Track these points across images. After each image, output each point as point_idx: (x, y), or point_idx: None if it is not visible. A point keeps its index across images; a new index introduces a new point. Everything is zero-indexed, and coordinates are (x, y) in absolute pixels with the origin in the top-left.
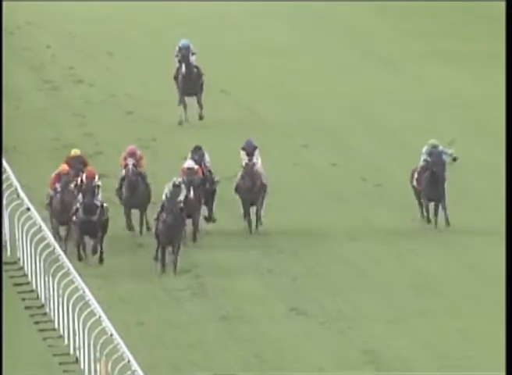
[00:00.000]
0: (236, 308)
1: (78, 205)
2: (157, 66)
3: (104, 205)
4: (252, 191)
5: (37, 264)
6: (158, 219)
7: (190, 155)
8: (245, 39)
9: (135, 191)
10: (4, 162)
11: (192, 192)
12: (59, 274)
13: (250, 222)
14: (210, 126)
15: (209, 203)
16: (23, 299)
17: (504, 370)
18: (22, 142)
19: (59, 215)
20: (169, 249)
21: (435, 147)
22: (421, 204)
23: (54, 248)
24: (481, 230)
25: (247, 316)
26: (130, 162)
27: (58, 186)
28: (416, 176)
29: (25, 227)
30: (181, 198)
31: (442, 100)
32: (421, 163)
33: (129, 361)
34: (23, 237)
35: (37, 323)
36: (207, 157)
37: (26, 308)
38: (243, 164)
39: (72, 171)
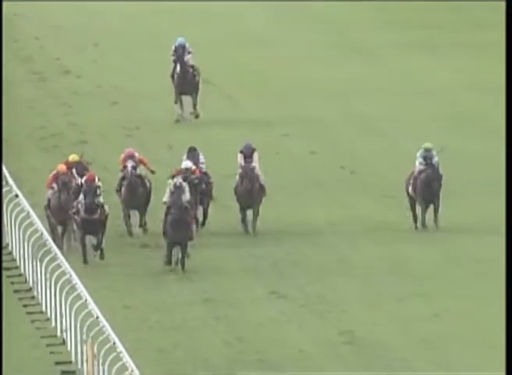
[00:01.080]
0: (219, 292)
1: (79, 205)
2: (142, 58)
3: (105, 206)
4: (251, 193)
5: (26, 249)
6: (165, 220)
7: (185, 157)
8: (227, 30)
9: (135, 193)
10: None
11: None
12: (47, 259)
13: (246, 223)
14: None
15: (204, 204)
16: (12, 283)
17: (504, 370)
18: (10, 132)
19: (57, 214)
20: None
21: (428, 150)
22: (413, 210)
23: (41, 234)
24: (457, 217)
25: (229, 299)
26: (130, 164)
27: (55, 186)
28: (412, 181)
29: (13, 213)
30: (187, 196)
31: (419, 89)
32: (417, 167)
33: (114, 343)
34: (11, 223)
35: (25, 306)
36: (201, 158)
37: (15, 291)
38: (240, 166)
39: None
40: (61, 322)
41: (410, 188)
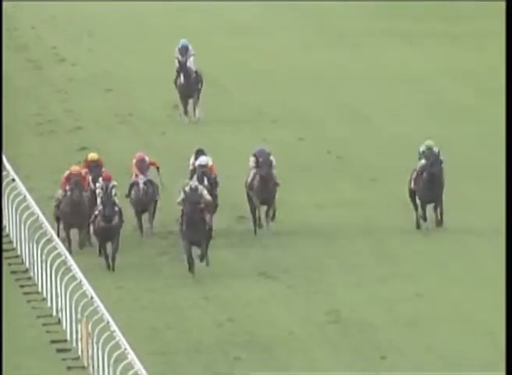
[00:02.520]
0: (208, 274)
1: (97, 213)
2: (134, 46)
3: (121, 212)
4: (266, 190)
5: (22, 231)
6: (181, 220)
7: (192, 158)
8: (216, 21)
9: (144, 199)
10: None
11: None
12: (43, 241)
13: (256, 221)
14: None
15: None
16: (9, 264)
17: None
18: (8, 118)
19: (69, 217)
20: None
21: (430, 148)
22: (415, 206)
23: (38, 217)
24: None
25: (219, 280)
26: (141, 181)
27: (68, 188)
28: (414, 176)
29: (10, 197)
30: (207, 198)
31: (403, 77)
32: (420, 163)
33: (108, 322)
34: (8, 206)
35: (22, 286)
36: (209, 159)
37: (12, 272)
38: (252, 168)
39: (91, 175)
40: (56, 302)
41: (412, 183)
